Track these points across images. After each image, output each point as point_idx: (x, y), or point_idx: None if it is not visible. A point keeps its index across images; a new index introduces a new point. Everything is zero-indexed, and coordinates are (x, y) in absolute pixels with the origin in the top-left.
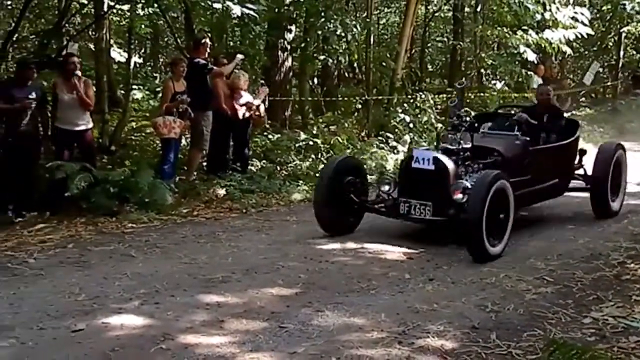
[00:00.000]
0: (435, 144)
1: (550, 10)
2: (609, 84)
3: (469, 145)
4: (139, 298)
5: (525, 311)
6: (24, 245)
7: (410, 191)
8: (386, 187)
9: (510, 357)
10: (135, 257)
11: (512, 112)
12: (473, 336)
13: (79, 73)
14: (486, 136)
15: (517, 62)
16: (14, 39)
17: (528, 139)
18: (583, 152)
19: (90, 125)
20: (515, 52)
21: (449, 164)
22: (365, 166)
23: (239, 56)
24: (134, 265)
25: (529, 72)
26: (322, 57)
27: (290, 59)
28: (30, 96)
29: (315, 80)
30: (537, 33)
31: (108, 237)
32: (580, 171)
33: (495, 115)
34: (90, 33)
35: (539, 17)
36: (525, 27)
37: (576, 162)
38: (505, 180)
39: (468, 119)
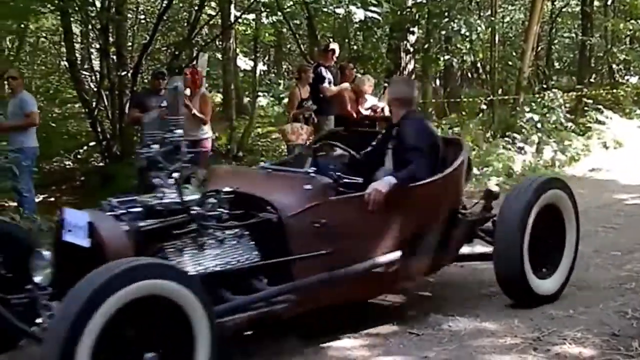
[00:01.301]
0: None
1: None
2: None
3: (190, 198)
4: None
5: None
6: None
7: (60, 285)
8: (38, 277)
9: None
10: None
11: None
12: (613, 344)
13: (187, 91)
14: (269, 176)
15: None
16: (148, 51)
17: (331, 180)
18: (491, 196)
19: (207, 135)
20: None
21: (116, 237)
22: (32, 234)
23: (345, 85)
24: None
25: None
26: (445, 58)
27: (413, 61)
28: (162, 105)
29: (438, 82)
30: None
31: None
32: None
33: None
34: (217, 43)
35: None
36: None
37: (479, 209)
38: (178, 280)
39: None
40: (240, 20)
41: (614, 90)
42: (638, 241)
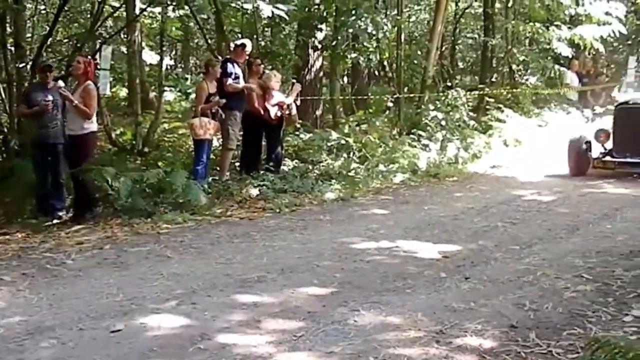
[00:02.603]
0: None
1: (583, 4)
2: None
3: None
4: (176, 298)
5: (565, 309)
6: (61, 246)
7: None
8: None
9: (551, 356)
10: (171, 257)
11: None
12: (512, 335)
13: (60, 83)
14: None
15: (549, 58)
16: (48, 43)
17: None
18: None
19: (88, 131)
20: (548, 47)
21: None
22: None
23: (250, 85)
24: (170, 266)
25: (561, 68)
26: (352, 56)
27: (320, 58)
28: (46, 99)
29: (346, 79)
30: (569, 29)
31: (144, 238)
32: None
33: None
34: (122, 36)
35: (572, 11)
36: (557, 23)
37: None
38: None
39: None
40: (145, 13)
41: (514, 90)
42: (536, 235)
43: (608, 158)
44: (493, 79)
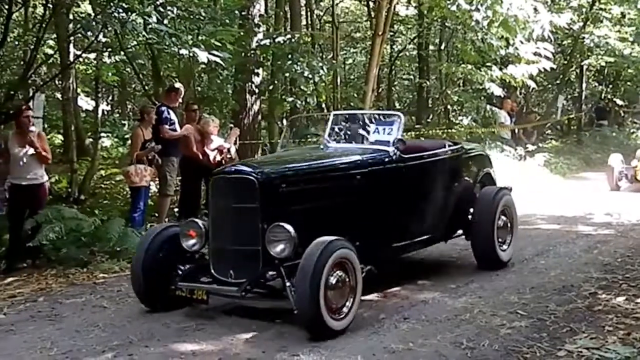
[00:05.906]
0: None
1: (514, 45)
2: (573, 116)
3: None
4: (113, 350)
5: (501, 346)
6: None
7: None
8: None
9: None
10: (108, 307)
11: None
12: None
13: (33, 128)
14: None
15: (482, 98)
16: None
17: None
18: None
19: (44, 179)
20: (481, 87)
21: None
22: None
23: (186, 128)
24: (106, 317)
25: (494, 108)
26: (290, 99)
27: (258, 102)
28: None
29: (285, 122)
30: (500, 69)
31: (79, 288)
32: None
33: None
34: (57, 83)
35: (503, 52)
36: (489, 64)
37: None
38: None
39: None
40: (80, 59)
41: (449, 130)
42: (473, 273)
43: (204, 280)
44: (429, 119)
